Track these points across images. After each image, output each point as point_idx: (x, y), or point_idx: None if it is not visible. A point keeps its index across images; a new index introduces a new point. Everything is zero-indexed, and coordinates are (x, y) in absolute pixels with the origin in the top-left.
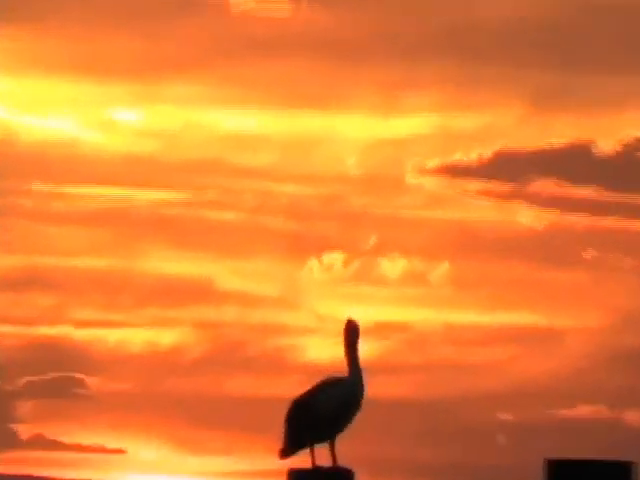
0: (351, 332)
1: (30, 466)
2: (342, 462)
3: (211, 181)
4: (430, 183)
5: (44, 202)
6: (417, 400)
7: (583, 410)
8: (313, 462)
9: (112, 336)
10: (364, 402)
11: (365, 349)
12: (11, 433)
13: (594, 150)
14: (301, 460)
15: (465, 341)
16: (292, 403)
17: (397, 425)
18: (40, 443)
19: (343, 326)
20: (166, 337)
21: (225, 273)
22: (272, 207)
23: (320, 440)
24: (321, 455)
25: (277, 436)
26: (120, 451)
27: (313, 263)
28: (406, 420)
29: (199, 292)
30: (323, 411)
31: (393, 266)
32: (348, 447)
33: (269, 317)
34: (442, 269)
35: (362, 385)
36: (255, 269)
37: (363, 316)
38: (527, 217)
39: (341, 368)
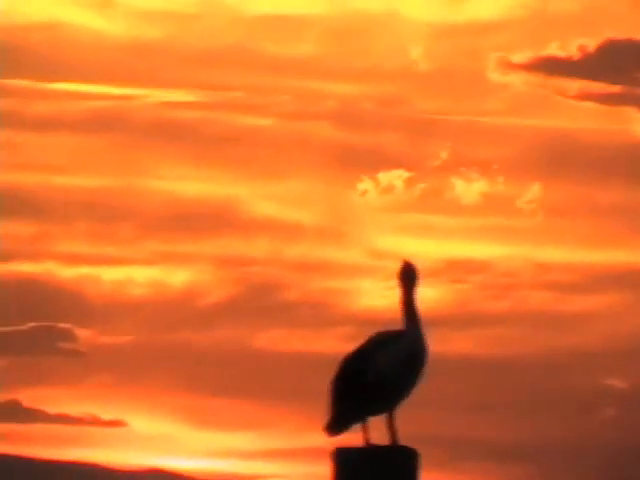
0: (406, 278)
1: (1, 442)
2: (404, 441)
3: (236, 78)
4: (518, 82)
5: (23, 103)
6: (499, 361)
7: None
8: (367, 439)
9: (108, 275)
10: (429, 363)
11: (433, 294)
12: None
13: None
14: (351, 437)
15: (561, 285)
16: (340, 364)
17: (473, 394)
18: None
19: (398, 271)
20: (177, 277)
21: (254, 196)
22: (315, 112)
23: (376, 412)
24: (377, 431)
25: (321, 406)
26: (118, 423)
27: (367, 184)
28: (485, 387)
29: (220, 220)
30: (380, 375)
31: (469, 189)
32: (411, 422)
33: (310, 253)
34: (532, 193)
35: (423, 341)
36: (293, 191)
37: (431, 253)
38: None
39: (401, 318)
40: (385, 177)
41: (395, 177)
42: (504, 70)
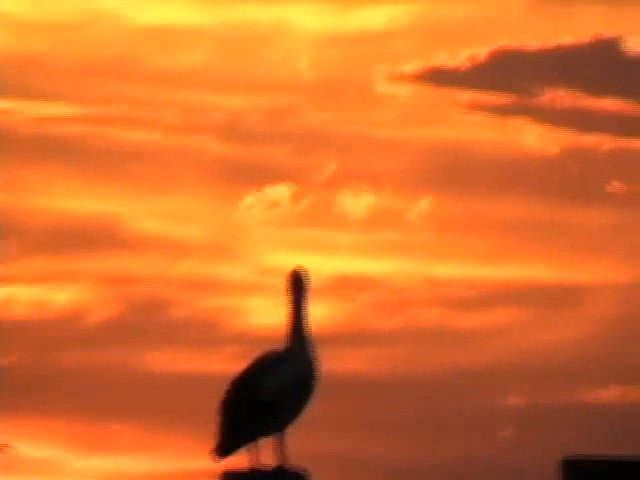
0: (296, 286)
1: None
2: (295, 460)
3: (120, 90)
4: (407, 93)
5: None
6: (390, 380)
7: (610, 393)
8: (255, 462)
9: None
10: (318, 383)
11: (321, 312)
12: None
13: (621, 49)
14: (239, 460)
15: (453, 302)
16: (229, 386)
17: (364, 413)
18: None
19: (287, 279)
20: (61, 296)
21: (139, 212)
22: (201, 125)
23: (266, 433)
24: (266, 453)
25: (210, 428)
26: (2, 448)
27: (253, 199)
28: (376, 406)
29: (103, 237)
30: (270, 395)
31: (358, 203)
32: (302, 441)
33: (198, 270)
34: (422, 207)
35: (313, 360)
36: (179, 207)
37: (318, 269)
38: (534, 138)
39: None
40: (272, 192)
41: (282, 192)
42: (392, 81)
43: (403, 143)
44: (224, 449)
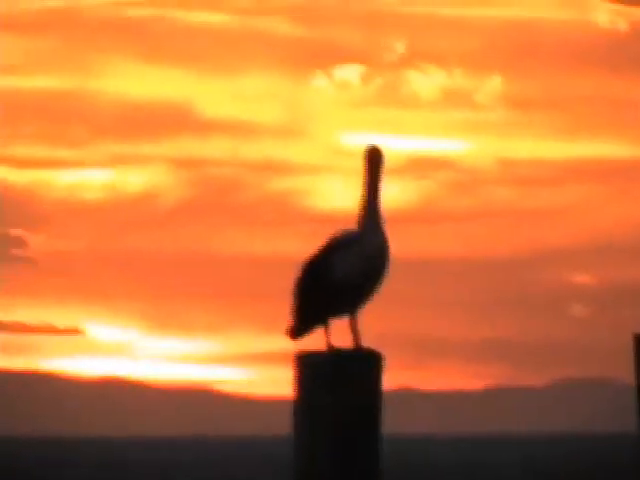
0: (372, 162)
1: None
2: (367, 342)
3: None
4: None
5: None
6: (465, 259)
7: None
8: (329, 343)
9: (60, 179)
10: (392, 262)
11: (394, 192)
12: None
13: None
14: (314, 341)
15: (527, 180)
16: (302, 266)
17: (438, 293)
18: None
19: (362, 156)
20: (132, 179)
21: (209, 94)
22: (271, 7)
23: (339, 314)
24: (339, 334)
25: (283, 309)
26: (75, 331)
27: (324, 79)
28: (450, 286)
29: (175, 119)
30: (343, 276)
31: (428, 82)
32: (375, 322)
33: (267, 152)
34: (493, 86)
35: (386, 240)
36: (249, 88)
37: (390, 148)
38: (605, 16)
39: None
40: (342, 71)
41: (351, 71)
42: None
43: (473, 22)
44: (297, 330)
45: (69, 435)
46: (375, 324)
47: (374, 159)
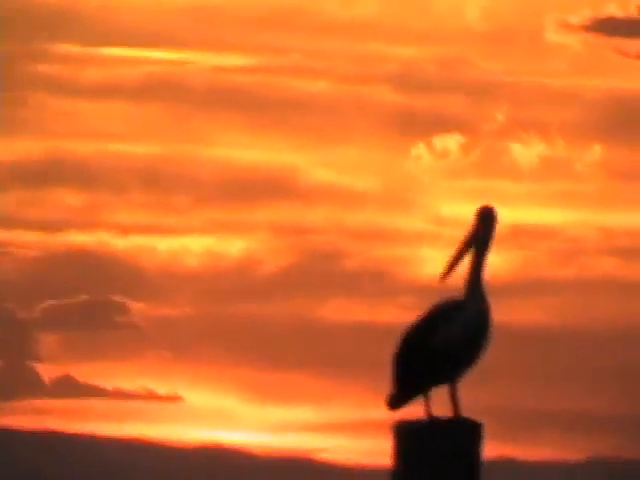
0: (486, 223)
1: (55, 417)
2: (467, 413)
3: (293, 40)
4: (578, 42)
5: (71, 69)
6: (567, 330)
7: None
8: (429, 412)
9: (162, 245)
10: (493, 333)
11: (495, 262)
12: (30, 375)
13: None
14: (413, 411)
15: (626, 252)
16: (403, 336)
17: (539, 363)
18: (68, 388)
19: (474, 215)
20: (234, 246)
21: (311, 162)
22: (372, 75)
23: (439, 383)
24: (439, 404)
25: (383, 378)
26: (174, 398)
27: (424, 149)
28: (551, 356)
29: (277, 187)
30: (444, 345)
31: (528, 152)
32: (475, 393)
33: (370, 220)
34: (593, 156)
35: (487, 310)
36: (350, 157)
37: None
38: None
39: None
40: (442, 141)
41: (452, 141)
42: (563, 30)
43: (573, 92)
44: (397, 399)
45: None
46: (475, 395)
47: (488, 219)
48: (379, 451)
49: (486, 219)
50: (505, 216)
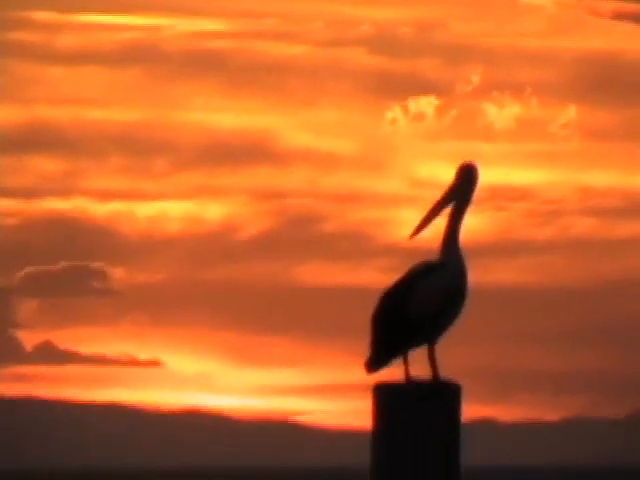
0: (467, 179)
1: (36, 384)
2: (445, 374)
3: (268, 5)
4: (551, 3)
5: (48, 36)
6: (544, 290)
7: None
8: (408, 375)
9: (141, 211)
10: (470, 293)
11: (474, 223)
12: (10, 342)
13: None
14: (392, 373)
15: (604, 212)
16: (380, 298)
17: (516, 324)
18: (49, 354)
19: (456, 171)
20: (213, 211)
21: (289, 125)
22: (349, 38)
23: (417, 345)
24: (417, 365)
25: (362, 341)
26: (154, 363)
27: (400, 111)
28: (529, 316)
29: (255, 151)
30: (421, 307)
31: (503, 114)
32: (452, 354)
33: (346, 183)
34: (568, 116)
35: (464, 270)
36: (327, 120)
37: None
38: None
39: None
40: (417, 103)
41: (427, 103)
42: None
43: (547, 53)
44: (376, 362)
45: (149, 467)
46: (453, 356)
47: (469, 175)
48: (359, 413)
49: (467, 175)
50: (482, 178)
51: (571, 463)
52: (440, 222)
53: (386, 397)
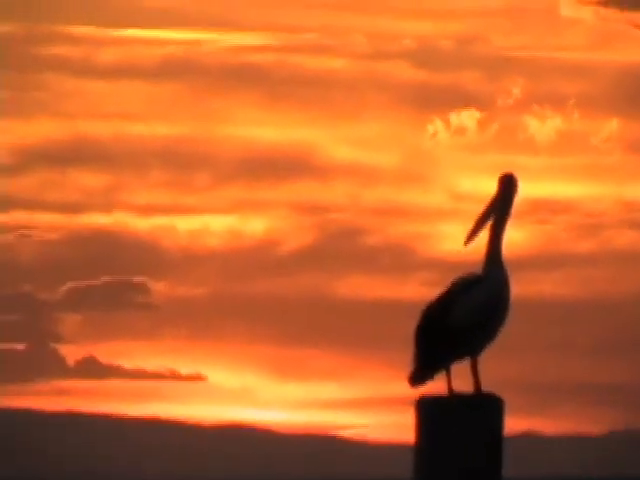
0: (507, 189)
1: (78, 398)
2: (488, 387)
3: (309, 19)
4: (592, 16)
5: (90, 51)
6: (588, 303)
7: None
8: (450, 388)
9: (182, 225)
10: (513, 306)
11: (517, 236)
12: (53, 356)
13: None
14: (435, 387)
15: None
16: (422, 312)
17: (559, 336)
18: (91, 368)
19: (497, 183)
20: (254, 225)
21: (331, 139)
22: (390, 51)
23: (459, 359)
24: (460, 379)
25: (404, 354)
26: (197, 378)
27: (441, 124)
28: (571, 329)
29: (296, 165)
30: (463, 321)
31: (545, 127)
32: (495, 367)
33: (388, 197)
34: (610, 129)
35: (507, 282)
36: (368, 134)
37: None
38: None
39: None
40: (459, 117)
41: (468, 117)
42: (578, 5)
43: (588, 66)
44: (419, 375)
45: None
46: (496, 368)
47: (509, 185)
48: (401, 427)
49: (507, 185)
50: (523, 190)
51: (618, 475)
52: (483, 236)
53: (429, 410)
